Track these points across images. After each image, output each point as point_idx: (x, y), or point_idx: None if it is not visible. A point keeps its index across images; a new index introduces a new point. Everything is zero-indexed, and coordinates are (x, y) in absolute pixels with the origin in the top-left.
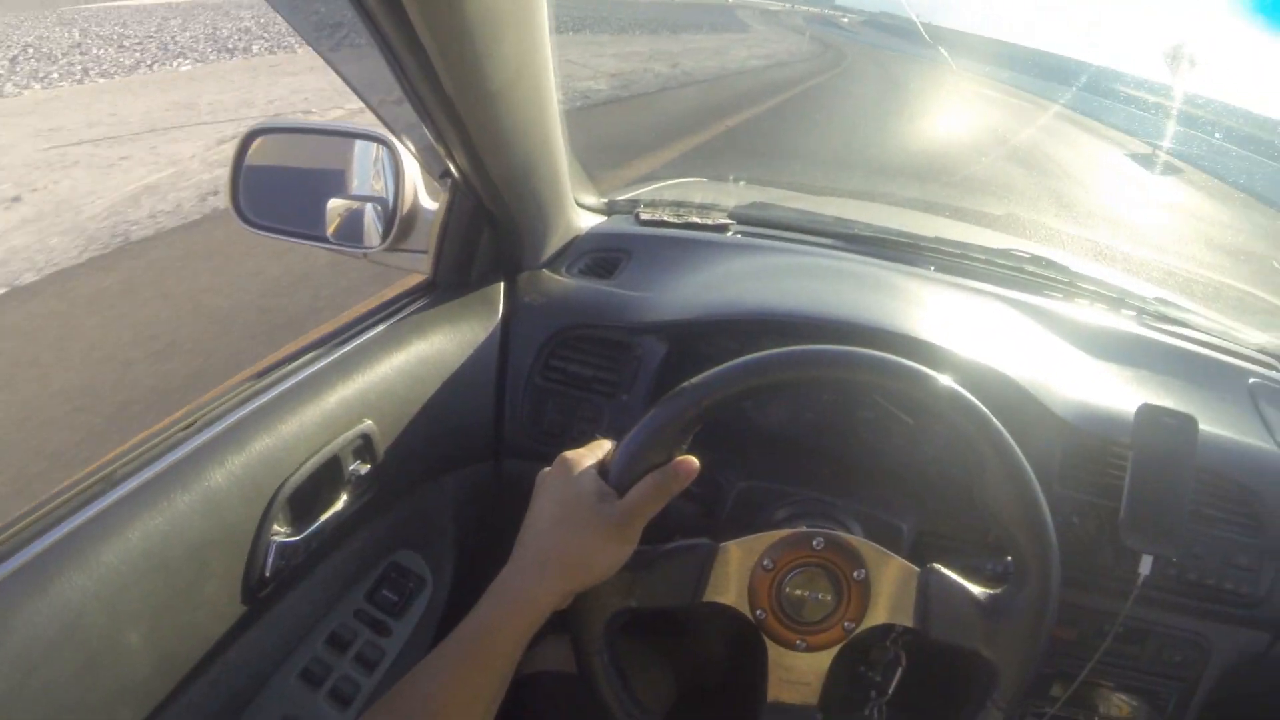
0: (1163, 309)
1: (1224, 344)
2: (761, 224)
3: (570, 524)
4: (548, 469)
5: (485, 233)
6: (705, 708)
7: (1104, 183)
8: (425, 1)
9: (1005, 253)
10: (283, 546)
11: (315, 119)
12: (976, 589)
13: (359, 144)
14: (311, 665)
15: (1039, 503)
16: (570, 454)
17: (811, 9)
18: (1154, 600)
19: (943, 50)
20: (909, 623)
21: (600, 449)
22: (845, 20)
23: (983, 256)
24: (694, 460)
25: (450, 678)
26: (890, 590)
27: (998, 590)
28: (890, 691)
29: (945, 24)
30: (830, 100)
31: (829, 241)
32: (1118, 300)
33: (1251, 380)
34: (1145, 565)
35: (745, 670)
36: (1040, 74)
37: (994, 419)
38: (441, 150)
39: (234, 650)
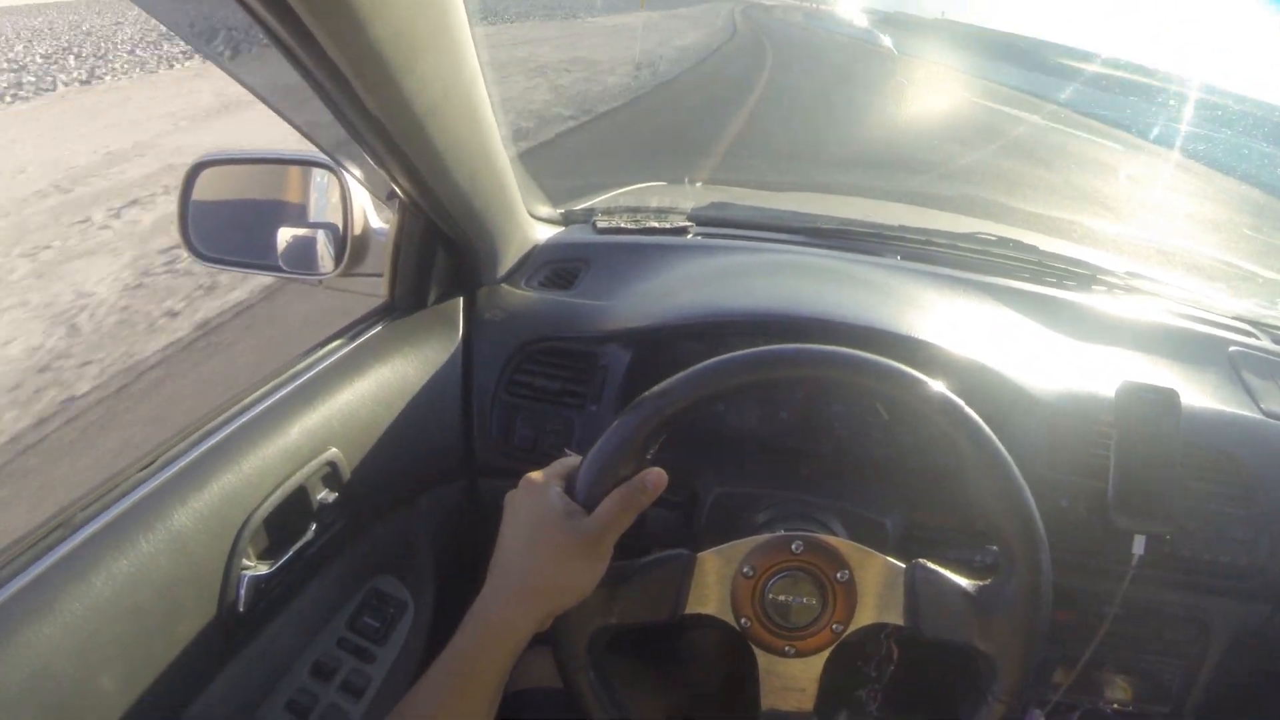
0: (1135, 283)
1: (1201, 314)
2: (721, 224)
3: (540, 546)
4: (514, 490)
5: (439, 251)
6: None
7: (1068, 159)
8: (332, 29)
9: (971, 236)
10: (255, 580)
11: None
12: (965, 581)
13: (306, 170)
14: (297, 696)
15: (1022, 489)
16: (535, 474)
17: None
18: (1150, 579)
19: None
20: (899, 620)
21: (565, 466)
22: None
23: (947, 242)
24: (661, 472)
25: (436, 706)
26: (876, 589)
27: (987, 581)
28: (883, 684)
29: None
30: (788, 91)
31: (790, 237)
32: (1088, 277)
33: (1232, 349)
34: (1138, 545)
35: (741, 682)
36: (1001, 57)
37: (971, 412)
38: (383, 173)
39: (217, 685)
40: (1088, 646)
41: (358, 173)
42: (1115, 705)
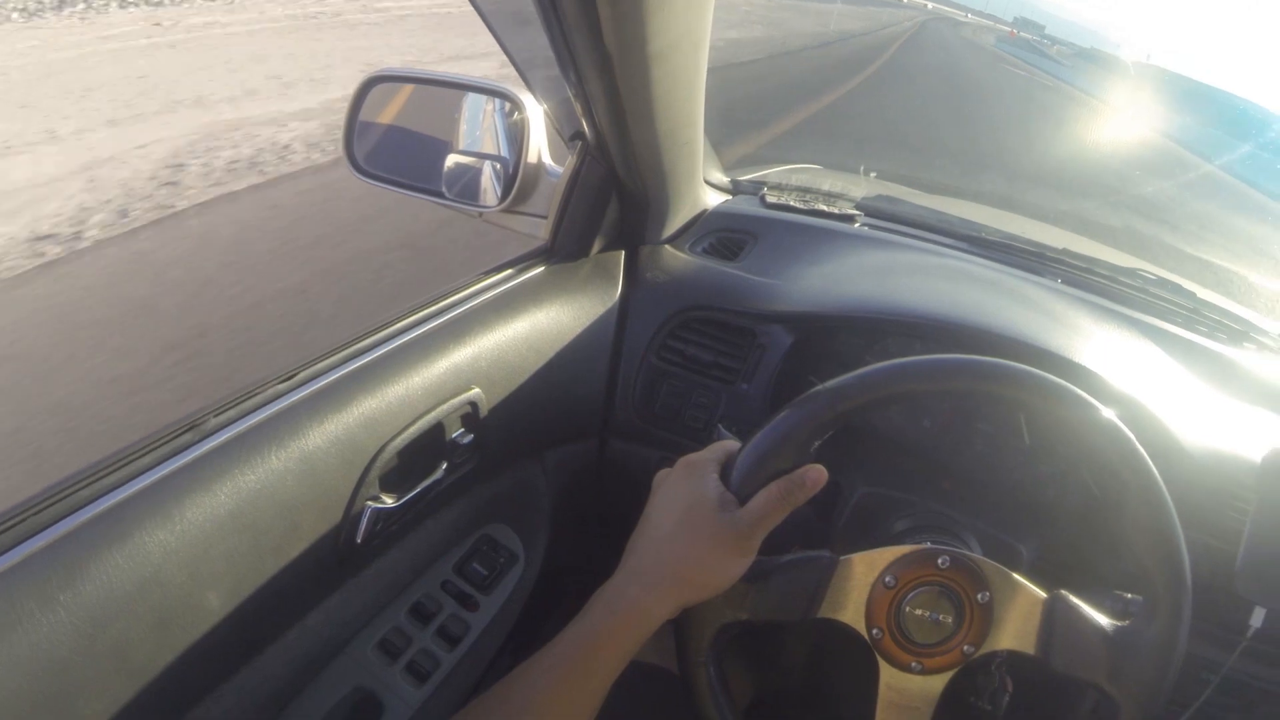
0: None
1: None
2: (888, 217)
3: (689, 534)
4: (667, 469)
5: (611, 202)
6: (784, 714)
7: (1246, 210)
8: None
9: (1131, 272)
10: (378, 512)
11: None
12: (1104, 620)
13: (483, 98)
14: (391, 635)
15: (1178, 540)
16: (692, 457)
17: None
18: (1259, 654)
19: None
20: (1030, 650)
21: (723, 451)
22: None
23: (1108, 273)
24: (822, 469)
25: (554, 685)
26: (1014, 615)
27: (1125, 623)
28: (1002, 713)
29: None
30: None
31: (954, 242)
32: (1241, 333)
33: None
34: (1257, 618)
35: (842, 688)
36: (1196, 105)
37: (1143, 453)
38: (580, 111)
39: (314, 615)
40: (1182, 711)
41: (547, 107)
42: None
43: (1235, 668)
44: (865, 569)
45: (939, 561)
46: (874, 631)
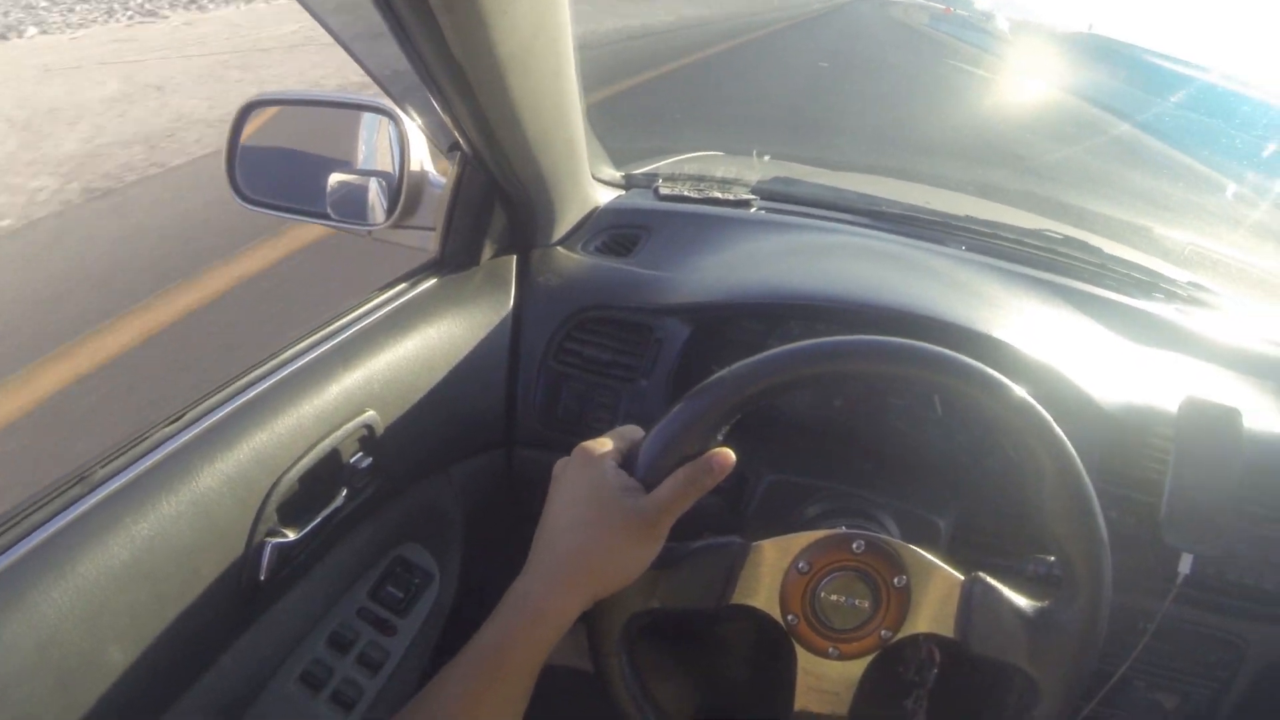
0: (1199, 295)
1: (1266, 332)
2: (785, 199)
3: (592, 523)
4: (566, 459)
5: (496, 208)
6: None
7: (1152, 165)
8: None
9: (1037, 233)
10: (279, 547)
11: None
12: (1023, 601)
13: (362, 116)
14: (311, 668)
15: (1097, 520)
16: (591, 443)
17: None
18: (1191, 598)
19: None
20: (949, 633)
21: (623, 437)
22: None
23: (1014, 236)
24: (729, 453)
25: (466, 697)
26: (932, 599)
27: (1044, 603)
28: (930, 684)
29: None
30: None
31: (855, 218)
32: (1150, 285)
33: None
34: (1185, 564)
35: (771, 678)
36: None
37: (1061, 434)
38: (449, 122)
39: (228, 656)
40: (1121, 662)
41: (420, 120)
42: None
43: (1169, 614)
44: (777, 555)
45: (854, 546)
46: (789, 618)
